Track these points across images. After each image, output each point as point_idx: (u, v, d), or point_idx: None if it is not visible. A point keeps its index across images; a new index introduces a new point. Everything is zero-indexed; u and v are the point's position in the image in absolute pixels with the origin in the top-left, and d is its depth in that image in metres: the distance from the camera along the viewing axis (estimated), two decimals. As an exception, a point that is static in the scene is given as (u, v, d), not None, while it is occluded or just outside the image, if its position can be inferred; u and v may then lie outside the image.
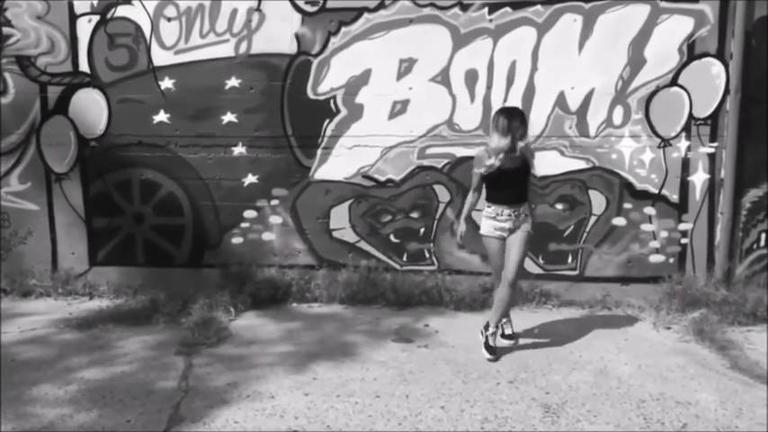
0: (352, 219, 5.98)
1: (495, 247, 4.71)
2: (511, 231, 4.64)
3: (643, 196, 5.73)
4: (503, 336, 4.89)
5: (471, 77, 5.72)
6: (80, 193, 6.11)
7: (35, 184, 6.12)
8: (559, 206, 5.81)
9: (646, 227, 5.76)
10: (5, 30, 5.94)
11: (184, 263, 6.14)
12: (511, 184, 4.62)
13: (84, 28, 5.91)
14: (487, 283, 5.80)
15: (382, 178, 5.90)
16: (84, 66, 5.95)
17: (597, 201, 5.78)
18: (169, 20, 5.86)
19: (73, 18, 5.91)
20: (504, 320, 4.88)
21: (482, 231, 4.73)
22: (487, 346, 4.69)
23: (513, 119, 4.55)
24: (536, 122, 5.68)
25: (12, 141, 6.07)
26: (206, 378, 4.32)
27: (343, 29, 5.75)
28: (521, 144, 4.54)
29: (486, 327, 4.74)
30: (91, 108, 6.00)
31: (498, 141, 4.54)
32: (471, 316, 5.56)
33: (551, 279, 5.88)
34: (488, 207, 4.69)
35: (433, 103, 5.75)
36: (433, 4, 5.65)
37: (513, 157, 4.55)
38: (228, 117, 5.93)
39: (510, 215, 4.61)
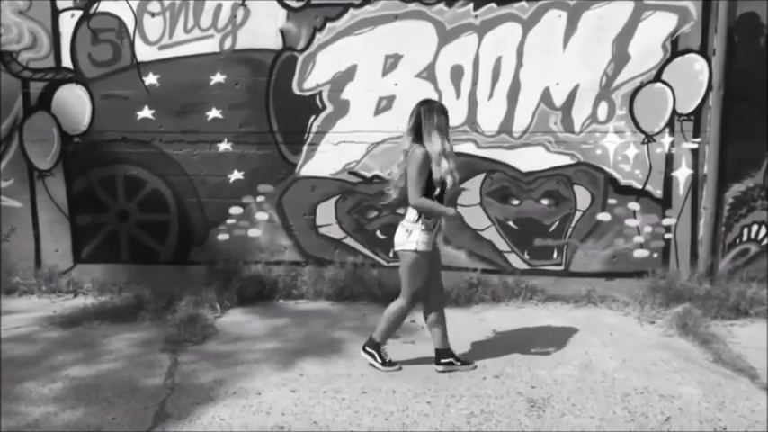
0: (339, 215, 5.98)
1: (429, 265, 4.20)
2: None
3: (627, 192, 5.77)
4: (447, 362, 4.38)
5: (457, 73, 5.73)
6: (64, 190, 6.06)
7: (18, 181, 6.07)
8: (544, 202, 5.84)
9: (630, 222, 5.80)
10: (-13, 25, 5.89)
11: (170, 260, 6.11)
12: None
13: (67, 23, 5.87)
14: (473, 278, 5.83)
15: (368, 174, 5.90)
16: (66, 61, 5.91)
17: (582, 196, 5.81)
18: (153, 15, 5.82)
19: (55, 13, 5.86)
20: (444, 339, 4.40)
21: (422, 248, 4.09)
22: (388, 363, 4.39)
23: (447, 117, 4.15)
24: (521, 118, 5.72)
25: (-6, 138, 6.02)
26: (192, 375, 4.30)
27: (329, 24, 5.74)
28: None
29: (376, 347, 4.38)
30: (74, 104, 5.95)
31: (443, 144, 4.05)
32: (456, 311, 5.57)
33: (536, 274, 5.91)
34: (428, 219, 4.10)
35: (418, 99, 5.70)
36: (418, 0, 5.66)
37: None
38: (213, 113, 5.90)
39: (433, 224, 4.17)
